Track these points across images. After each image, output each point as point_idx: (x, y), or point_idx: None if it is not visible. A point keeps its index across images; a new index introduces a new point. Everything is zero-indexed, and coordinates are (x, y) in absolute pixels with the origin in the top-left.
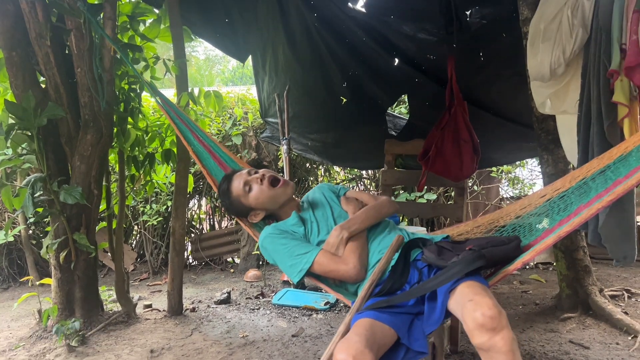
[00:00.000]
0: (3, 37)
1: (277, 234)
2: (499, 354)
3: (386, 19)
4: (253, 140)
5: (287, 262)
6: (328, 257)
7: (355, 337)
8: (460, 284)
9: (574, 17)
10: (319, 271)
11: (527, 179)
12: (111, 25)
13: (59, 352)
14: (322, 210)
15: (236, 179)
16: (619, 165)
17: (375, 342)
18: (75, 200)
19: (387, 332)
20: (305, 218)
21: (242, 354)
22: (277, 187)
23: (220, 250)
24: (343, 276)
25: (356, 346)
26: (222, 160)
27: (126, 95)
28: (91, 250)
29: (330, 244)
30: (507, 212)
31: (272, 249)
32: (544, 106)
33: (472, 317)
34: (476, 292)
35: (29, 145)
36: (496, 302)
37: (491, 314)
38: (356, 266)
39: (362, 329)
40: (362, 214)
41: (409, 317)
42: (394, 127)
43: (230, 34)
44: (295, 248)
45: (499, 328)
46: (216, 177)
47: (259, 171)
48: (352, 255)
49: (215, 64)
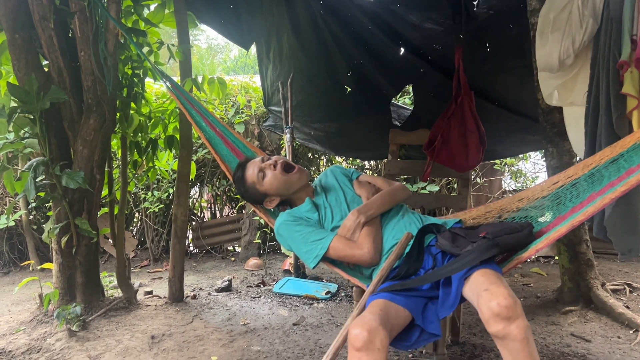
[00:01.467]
0: (6, 20)
1: (291, 220)
2: (514, 342)
3: (393, 8)
4: (256, 128)
5: (302, 248)
6: (343, 242)
7: (369, 315)
8: (475, 272)
9: (585, 7)
10: (334, 256)
11: (530, 172)
12: (115, 8)
13: (60, 337)
14: (335, 195)
15: (250, 166)
16: (632, 154)
17: (389, 321)
18: (78, 185)
19: (402, 313)
20: (318, 204)
21: (243, 341)
22: (291, 174)
23: (221, 239)
24: (358, 260)
25: (370, 323)
26: (235, 145)
27: (129, 81)
28: (93, 236)
29: (347, 227)
30: (520, 198)
31: (287, 235)
32: (552, 97)
33: (488, 307)
34: (492, 282)
35: (31, 129)
36: (511, 291)
37: (506, 304)
38: (370, 250)
39: (376, 308)
40: (378, 199)
41: (423, 300)
42: (398, 118)
43: (235, 21)
44: (310, 234)
45: (514, 317)
46: (229, 163)
47: (272, 158)
48: (366, 240)
49: (217, 52)
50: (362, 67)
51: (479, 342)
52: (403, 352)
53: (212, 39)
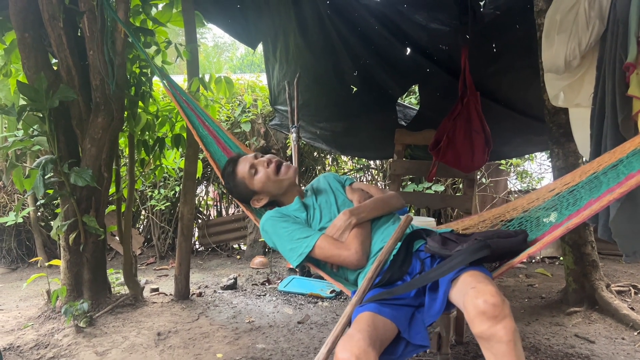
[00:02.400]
0: (16, 19)
1: (278, 217)
2: (500, 344)
3: (399, 8)
4: (262, 127)
5: (287, 246)
6: (330, 241)
7: (357, 335)
8: (463, 274)
9: (591, 9)
10: (320, 256)
11: (536, 172)
12: (124, 8)
13: (67, 333)
14: (325, 197)
15: (242, 162)
16: (632, 160)
17: (378, 337)
18: (86, 183)
19: (389, 326)
20: (308, 204)
21: (248, 339)
22: (281, 172)
23: (226, 237)
24: (344, 261)
25: (359, 344)
26: (226, 145)
27: (137, 79)
28: (100, 233)
29: (336, 227)
30: (514, 207)
31: (272, 231)
32: (557, 99)
33: (473, 304)
34: (479, 281)
35: (40, 127)
36: (499, 290)
37: (494, 302)
38: (358, 252)
39: (364, 324)
40: (370, 203)
41: (410, 309)
42: (404, 117)
43: (242, 20)
44: (296, 232)
45: (501, 317)
46: (219, 161)
47: (265, 156)
48: (354, 241)
49: (223, 51)
50: (369, 66)
51: None
52: None
53: (219, 37)
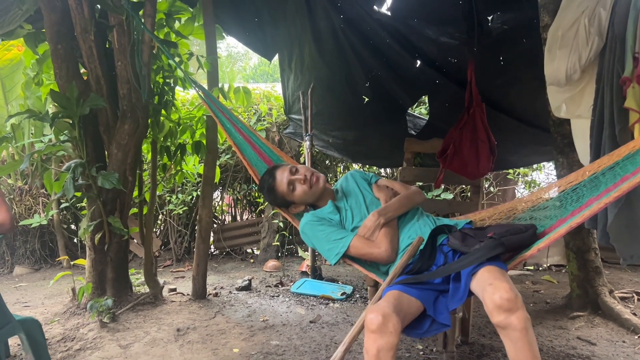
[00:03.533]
0: (50, 31)
1: (315, 221)
2: (515, 331)
3: (410, 22)
4: (276, 135)
5: (325, 246)
6: (362, 241)
7: (384, 303)
8: (482, 268)
9: (591, 26)
10: (354, 254)
11: (544, 182)
12: (151, 22)
13: (92, 327)
14: (355, 198)
15: (278, 176)
16: (627, 163)
17: (402, 310)
18: (112, 186)
19: (414, 303)
20: (340, 207)
21: (262, 336)
22: (314, 185)
23: (241, 241)
24: (376, 258)
25: (384, 309)
26: (262, 150)
27: (161, 89)
28: (124, 234)
29: (367, 227)
30: (525, 200)
31: (311, 234)
32: (560, 110)
33: (491, 299)
34: (495, 277)
35: (69, 132)
36: (513, 286)
37: (508, 297)
38: (387, 249)
39: (391, 298)
40: (396, 202)
41: (435, 293)
42: (413, 127)
43: (259, 33)
44: (332, 234)
45: (515, 309)
46: (256, 167)
47: (299, 169)
48: (384, 240)
49: (237, 60)
50: (380, 78)
51: (487, 342)
52: (414, 349)
53: (232, 46)
